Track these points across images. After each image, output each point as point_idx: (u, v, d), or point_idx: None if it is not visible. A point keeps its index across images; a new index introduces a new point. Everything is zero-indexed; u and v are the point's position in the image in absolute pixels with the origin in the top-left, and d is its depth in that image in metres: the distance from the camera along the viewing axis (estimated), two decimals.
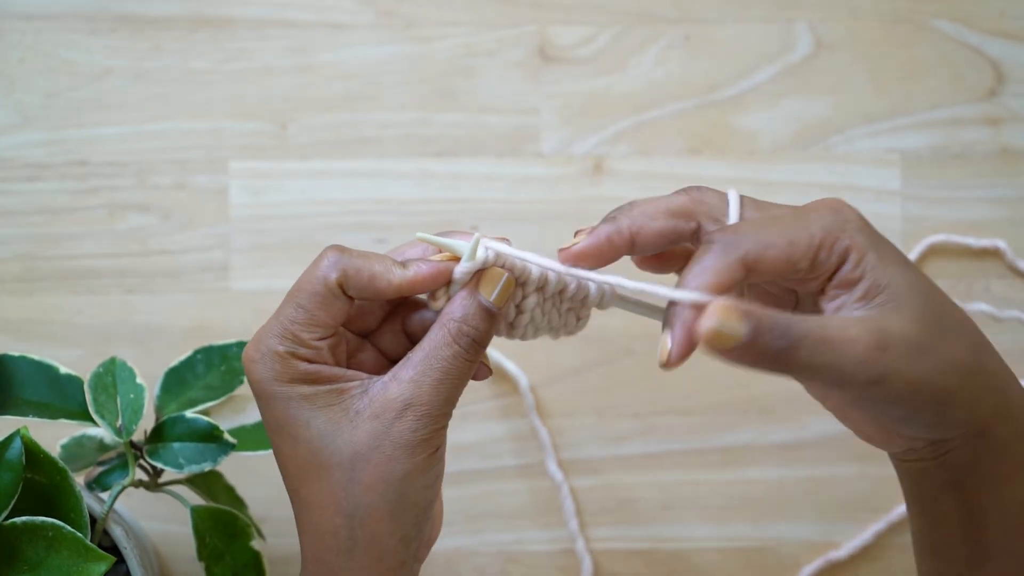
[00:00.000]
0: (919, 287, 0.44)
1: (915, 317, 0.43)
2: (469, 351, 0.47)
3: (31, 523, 0.50)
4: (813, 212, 0.45)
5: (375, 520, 0.46)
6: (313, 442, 0.46)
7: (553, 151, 0.75)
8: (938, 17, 0.76)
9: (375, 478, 0.46)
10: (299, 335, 0.46)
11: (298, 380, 0.46)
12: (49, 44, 0.74)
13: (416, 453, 0.46)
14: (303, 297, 0.46)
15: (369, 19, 0.75)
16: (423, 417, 0.46)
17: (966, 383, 0.44)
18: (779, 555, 0.74)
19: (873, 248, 0.44)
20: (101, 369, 0.58)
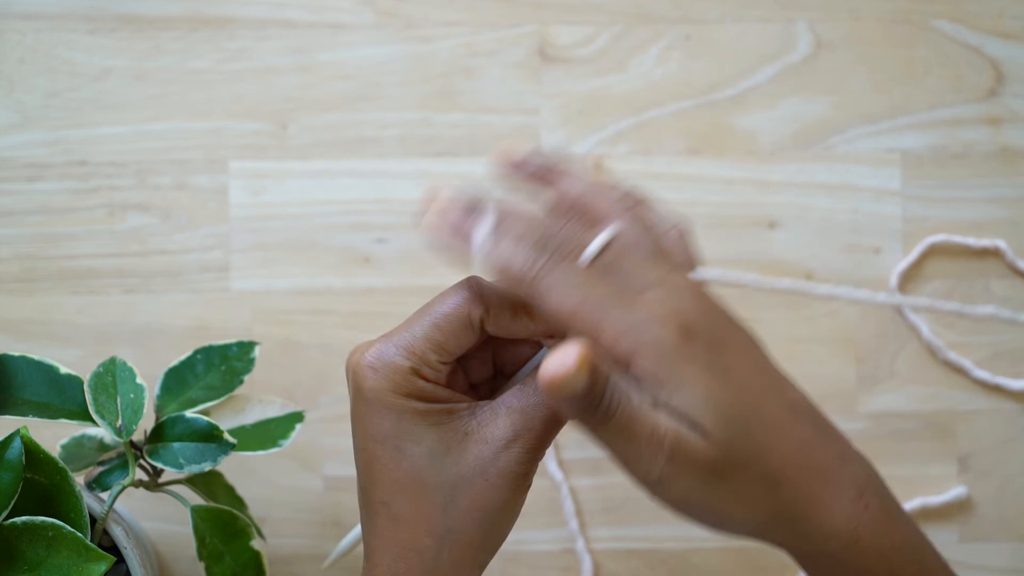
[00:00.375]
0: (721, 409, 0.41)
1: (709, 444, 0.41)
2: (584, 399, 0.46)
3: (31, 523, 0.50)
4: (634, 305, 0.42)
5: (464, 545, 0.46)
6: (420, 459, 0.46)
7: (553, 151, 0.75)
8: (938, 17, 0.76)
9: (475, 504, 0.46)
10: (427, 355, 0.46)
11: (415, 396, 0.46)
12: (49, 44, 0.74)
13: (516, 485, 0.46)
14: (442, 320, 0.46)
15: (369, 19, 0.75)
16: (530, 451, 0.46)
17: (755, 514, 0.43)
18: (779, 555, 0.74)
19: (671, 366, 0.41)
20: (101, 369, 0.58)
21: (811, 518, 0.43)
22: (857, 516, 0.43)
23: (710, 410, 0.41)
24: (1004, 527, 0.74)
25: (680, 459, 0.41)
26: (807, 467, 0.43)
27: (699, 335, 0.42)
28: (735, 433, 0.41)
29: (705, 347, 0.42)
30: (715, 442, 0.41)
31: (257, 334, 0.73)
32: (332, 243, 0.74)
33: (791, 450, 0.42)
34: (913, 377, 0.75)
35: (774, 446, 0.42)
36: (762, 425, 0.42)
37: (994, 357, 0.75)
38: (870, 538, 0.43)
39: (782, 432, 0.42)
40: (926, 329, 0.74)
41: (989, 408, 0.75)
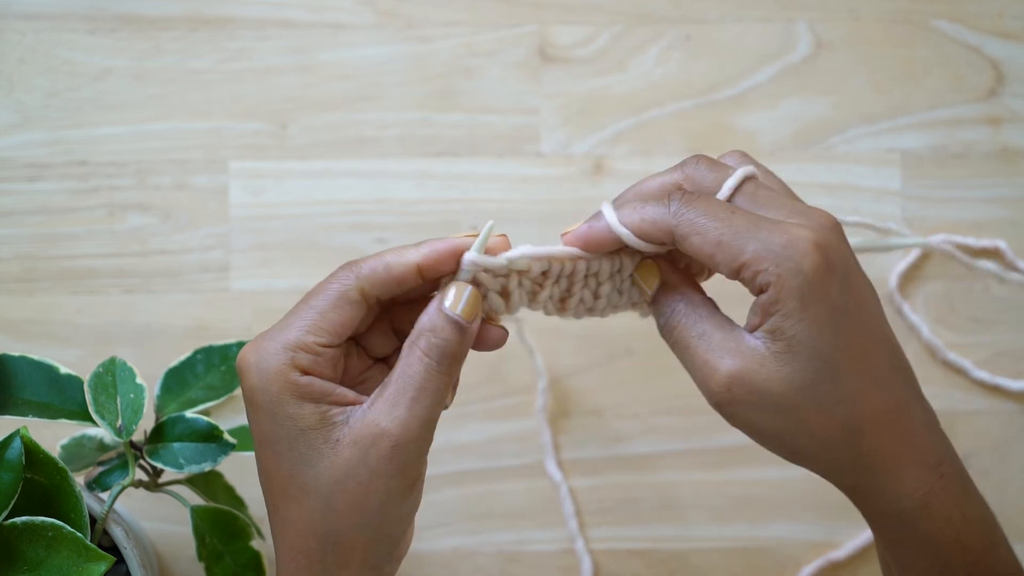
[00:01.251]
0: (825, 354, 0.43)
1: (791, 379, 0.43)
2: (441, 363, 0.46)
3: (31, 523, 0.50)
4: (776, 230, 0.43)
5: (348, 548, 0.46)
6: (295, 464, 0.45)
7: (553, 151, 0.75)
8: (938, 17, 0.76)
9: (350, 507, 0.45)
10: (303, 340, 0.45)
11: (290, 392, 0.45)
12: (49, 44, 0.74)
13: (392, 482, 0.46)
14: (317, 299, 0.46)
15: (369, 19, 0.75)
16: (398, 444, 0.45)
17: (825, 455, 0.45)
18: (779, 555, 0.74)
19: (799, 296, 0.43)
20: (101, 369, 0.58)
21: (887, 473, 0.44)
22: (932, 483, 0.44)
23: (811, 349, 0.43)
24: (1004, 527, 0.74)
25: (741, 390, 0.43)
26: (894, 425, 0.44)
27: (836, 267, 0.43)
28: (825, 375, 0.43)
29: (839, 283, 0.43)
30: (794, 377, 0.43)
31: (257, 334, 0.73)
32: (332, 243, 0.74)
33: (883, 406, 0.44)
34: None
35: (867, 397, 0.44)
36: (861, 374, 0.44)
37: (994, 357, 0.75)
38: (941, 505, 0.45)
39: (880, 386, 0.44)
40: (926, 329, 0.74)
41: (989, 408, 0.75)
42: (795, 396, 0.43)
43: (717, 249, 0.44)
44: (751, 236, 0.43)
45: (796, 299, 0.43)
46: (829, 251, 0.43)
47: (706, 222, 0.44)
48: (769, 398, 0.43)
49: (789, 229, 0.43)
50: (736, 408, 0.44)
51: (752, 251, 0.43)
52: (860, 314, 0.44)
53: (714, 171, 0.47)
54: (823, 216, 0.45)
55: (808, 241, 0.43)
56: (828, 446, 0.44)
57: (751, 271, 0.43)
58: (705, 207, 0.44)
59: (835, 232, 0.45)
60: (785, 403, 0.43)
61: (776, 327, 0.43)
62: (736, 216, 0.44)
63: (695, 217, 0.44)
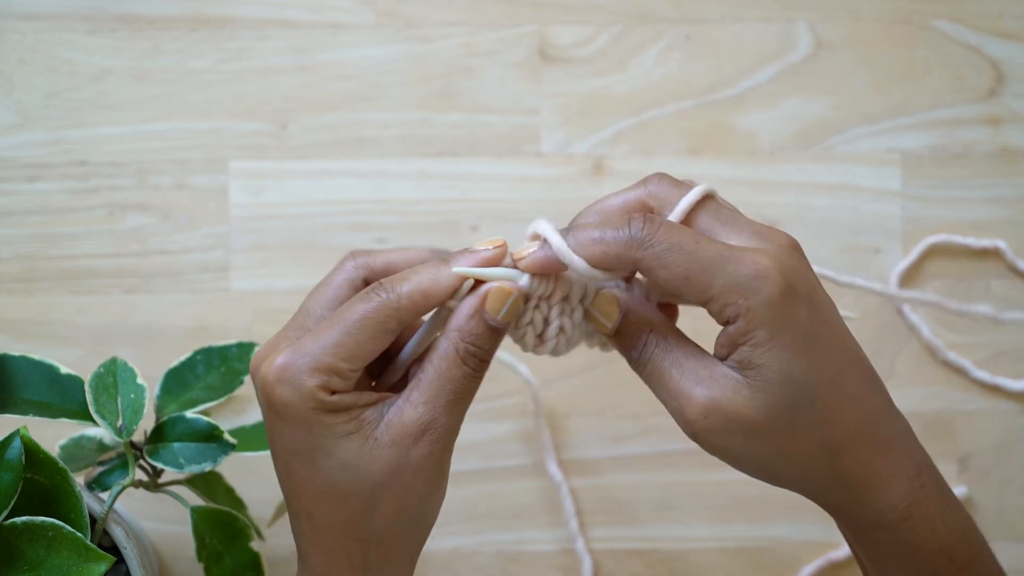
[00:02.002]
0: (798, 379, 0.43)
1: (766, 405, 0.43)
2: (477, 370, 0.47)
3: (31, 523, 0.50)
4: (742, 261, 0.43)
5: (390, 545, 0.47)
6: (334, 471, 0.46)
7: (553, 151, 0.75)
8: (938, 17, 0.76)
9: (395, 507, 0.46)
10: (338, 366, 0.45)
11: (323, 409, 0.45)
12: (49, 44, 0.74)
13: (432, 477, 0.47)
14: (354, 329, 0.45)
15: (369, 19, 0.75)
16: (439, 440, 0.46)
17: (805, 477, 0.45)
18: (779, 555, 0.74)
19: (768, 326, 0.43)
20: (101, 369, 0.58)
21: (870, 488, 0.44)
22: (913, 493, 0.45)
23: (783, 376, 0.43)
24: (1004, 527, 0.74)
25: (718, 417, 0.43)
26: (871, 439, 0.44)
27: (800, 290, 0.43)
28: (800, 400, 0.43)
29: (805, 307, 0.43)
30: (770, 404, 0.43)
31: (257, 334, 0.73)
32: (332, 243, 0.74)
33: (859, 422, 0.44)
34: (913, 377, 0.75)
35: (843, 417, 0.44)
36: (835, 394, 0.44)
37: (994, 357, 0.75)
38: (924, 515, 0.45)
39: (855, 404, 0.44)
40: (926, 329, 0.74)
41: (989, 408, 0.75)
42: (771, 422, 0.43)
43: (684, 283, 0.43)
44: (718, 269, 0.43)
45: (766, 329, 0.43)
46: (793, 276, 0.43)
47: (672, 257, 0.43)
48: (746, 425, 0.43)
49: (755, 259, 0.43)
50: (713, 437, 0.44)
51: (720, 284, 0.43)
52: (828, 334, 0.44)
53: (677, 188, 0.47)
54: (783, 238, 0.45)
55: (773, 269, 0.43)
56: (808, 468, 0.44)
57: (719, 304, 0.43)
58: (669, 238, 0.44)
59: (796, 254, 0.45)
60: (762, 429, 0.43)
61: (745, 357, 0.43)
62: (701, 247, 0.44)
63: (660, 251, 0.44)
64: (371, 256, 0.49)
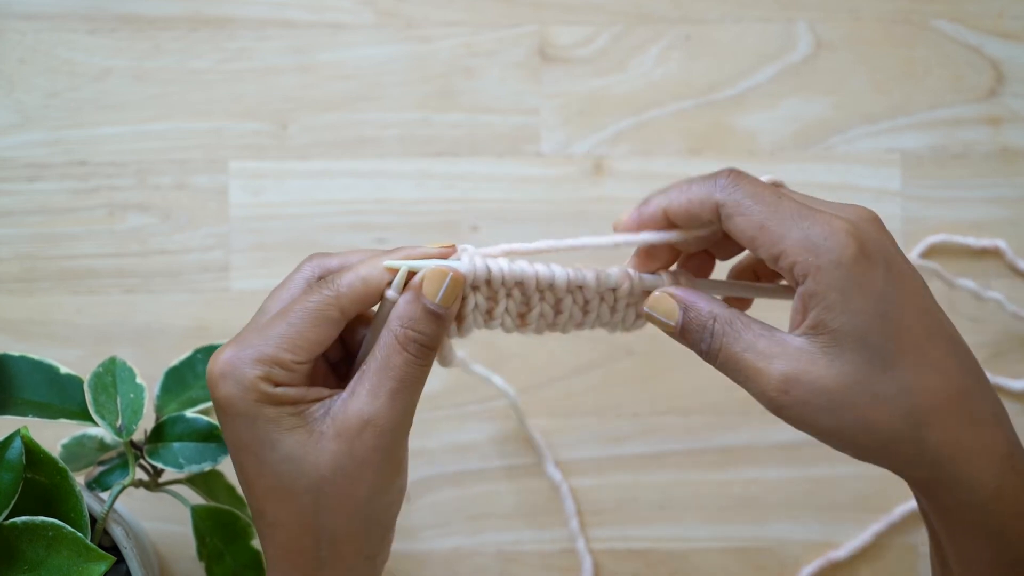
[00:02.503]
0: (875, 345, 0.42)
1: (843, 372, 0.43)
2: (419, 356, 0.46)
3: (31, 523, 0.50)
4: (818, 221, 0.43)
5: (342, 540, 0.46)
6: (279, 465, 0.45)
7: (553, 151, 0.75)
8: (938, 17, 0.76)
9: (341, 500, 0.46)
10: (280, 356, 0.45)
11: (266, 401, 0.45)
12: (49, 44, 0.74)
13: (379, 470, 0.46)
14: (294, 315, 0.46)
15: (369, 19, 0.75)
16: (383, 433, 0.45)
17: (890, 449, 0.44)
18: (779, 555, 0.74)
19: (839, 288, 0.42)
20: (101, 369, 0.58)
21: (957, 463, 0.43)
22: (1004, 474, 0.43)
23: (859, 341, 0.42)
24: None
25: (793, 387, 0.43)
26: (960, 413, 0.43)
27: (877, 257, 0.43)
28: (884, 365, 0.42)
29: (882, 272, 0.43)
30: (846, 371, 0.42)
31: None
32: (332, 243, 0.74)
33: (947, 393, 0.43)
34: None
35: (927, 387, 0.43)
36: (917, 363, 0.43)
37: (994, 357, 0.75)
38: (1014, 498, 0.43)
39: (940, 374, 0.43)
40: None
41: None
42: (850, 391, 0.43)
43: (759, 232, 0.44)
44: (793, 224, 0.43)
45: (837, 291, 0.42)
46: (867, 242, 0.43)
47: (752, 204, 0.44)
48: (825, 395, 0.43)
49: (830, 220, 0.43)
50: (795, 410, 0.43)
51: (793, 239, 0.43)
52: (909, 302, 0.43)
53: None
54: (861, 209, 0.45)
55: (846, 232, 0.43)
56: (892, 439, 0.43)
57: (789, 260, 0.43)
58: (753, 188, 0.45)
59: (874, 224, 0.45)
60: (842, 398, 0.43)
61: (818, 321, 0.43)
62: (782, 202, 0.44)
63: (742, 198, 0.44)
64: (328, 258, 0.49)
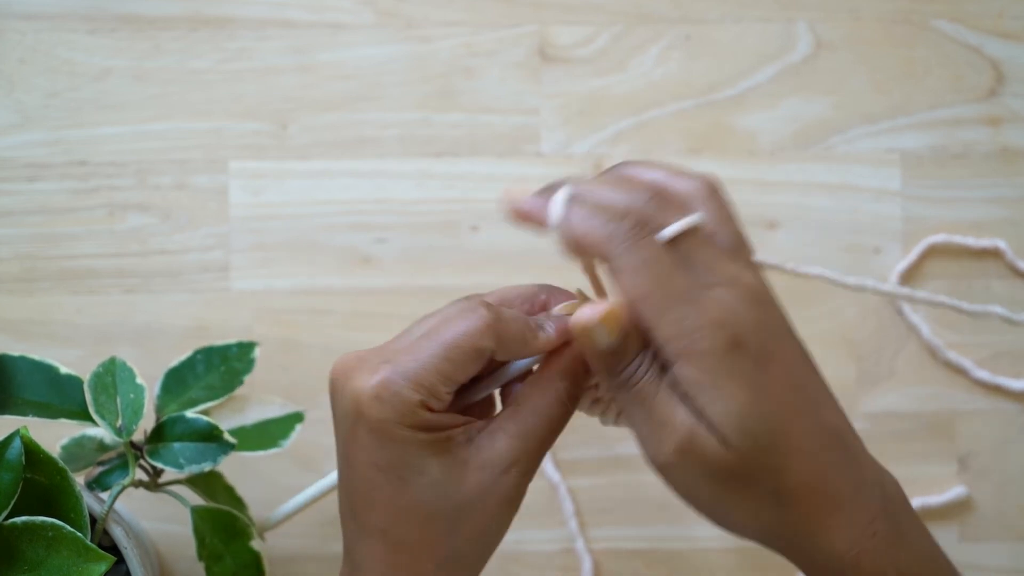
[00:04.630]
0: (749, 429, 0.42)
1: (728, 452, 0.43)
2: (572, 408, 0.47)
3: (31, 523, 0.50)
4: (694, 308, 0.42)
5: (463, 567, 0.47)
6: (423, 489, 0.46)
7: (553, 151, 0.75)
8: (938, 17, 0.76)
9: (476, 531, 0.46)
10: (437, 387, 0.45)
11: (420, 427, 0.45)
12: (49, 44, 0.74)
13: (513, 507, 0.47)
14: (453, 352, 0.45)
15: (369, 19, 0.75)
16: (527, 474, 0.47)
17: (756, 524, 0.45)
18: (779, 555, 0.74)
19: (715, 376, 0.42)
20: (101, 369, 0.58)
21: (813, 539, 0.44)
22: (861, 543, 0.44)
23: (737, 425, 0.42)
24: (1004, 527, 0.74)
25: (691, 454, 0.43)
26: (820, 492, 0.44)
27: (748, 347, 0.43)
28: (755, 450, 0.43)
29: (752, 361, 0.43)
30: (732, 452, 0.43)
31: (257, 334, 0.73)
32: (332, 243, 0.74)
33: (808, 475, 0.44)
34: (913, 377, 0.75)
35: (792, 468, 0.43)
36: (786, 446, 0.43)
37: (994, 357, 0.75)
38: (872, 563, 0.44)
39: (804, 456, 0.44)
40: (926, 329, 0.74)
41: (989, 408, 0.75)
42: (736, 468, 0.43)
43: (640, 303, 0.43)
44: (671, 308, 0.42)
45: (709, 376, 0.42)
46: (739, 330, 0.42)
47: (642, 272, 0.43)
48: (714, 466, 0.43)
49: (706, 308, 0.42)
50: (682, 474, 0.44)
51: (667, 322, 0.42)
52: (780, 387, 0.43)
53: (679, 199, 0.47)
54: (744, 288, 0.44)
55: (718, 324, 0.42)
56: (757, 516, 0.44)
57: (661, 340, 0.43)
58: (649, 255, 0.43)
59: (753, 303, 0.44)
60: (728, 473, 0.43)
61: (699, 408, 0.43)
62: (674, 278, 0.43)
63: (636, 262, 0.43)
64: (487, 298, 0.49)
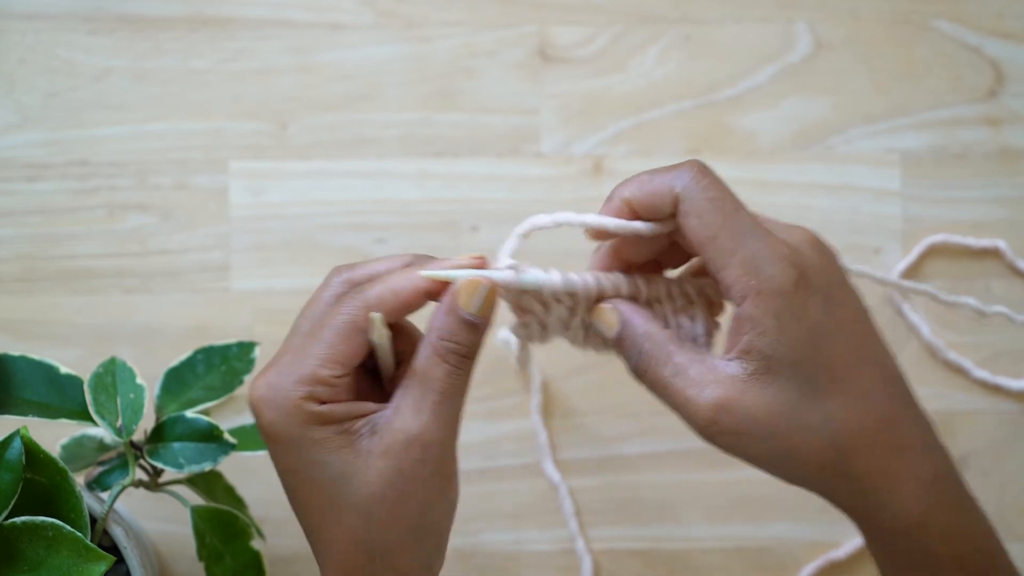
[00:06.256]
0: (805, 374, 0.42)
1: (774, 401, 0.43)
2: (459, 366, 0.46)
3: (31, 523, 0.50)
4: (766, 244, 0.43)
5: (396, 553, 0.46)
6: (329, 485, 0.45)
7: (553, 151, 0.75)
8: (938, 17, 0.76)
9: (392, 515, 0.46)
10: (319, 373, 0.45)
11: (311, 422, 0.45)
12: (49, 44, 0.74)
13: (428, 485, 0.46)
14: (326, 331, 0.46)
15: (369, 19, 0.75)
16: (429, 447, 0.45)
17: (818, 478, 0.44)
18: (779, 555, 0.74)
19: (775, 314, 0.42)
20: (101, 369, 0.58)
21: (882, 492, 0.44)
22: (928, 500, 0.44)
23: (790, 370, 0.42)
24: (1004, 527, 0.74)
25: (729, 419, 0.43)
26: (885, 442, 0.43)
27: (816, 285, 0.43)
28: (806, 396, 0.43)
29: (820, 300, 0.43)
30: (776, 399, 0.42)
31: (257, 334, 0.73)
32: (332, 243, 0.74)
33: (871, 424, 0.43)
34: (913, 377, 0.73)
35: (852, 416, 0.43)
36: (844, 393, 0.43)
37: (994, 357, 0.75)
38: (938, 524, 0.44)
39: (867, 404, 0.43)
40: (926, 329, 0.74)
41: (989, 408, 0.75)
42: (779, 420, 0.43)
43: (709, 241, 0.43)
44: (742, 242, 0.43)
45: (773, 318, 0.42)
46: (808, 269, 0.43)
47: (709, 209, 0.43)
48: (755, 424, 0.43)
49: (775, 245, 0.43)
50: (726, 439, 0.44)
51: (738, 258, 0.43)
52: (843, 332, 0.44)
53: None
54: (805, 232, 0.45)
55: (788, 260, 0.43)
56: (819, 468, 0.44)
57: (731, 279, 0.43)
58: (714, 191, 0.44)
59: (817, 248, 0.44)
60: (771, 428, 0.43)
61: (751, 346, 0.43)
62: (739, 215, 0.44)
63: (702, 200, 0.44)
64: (354, 270, 0.49)
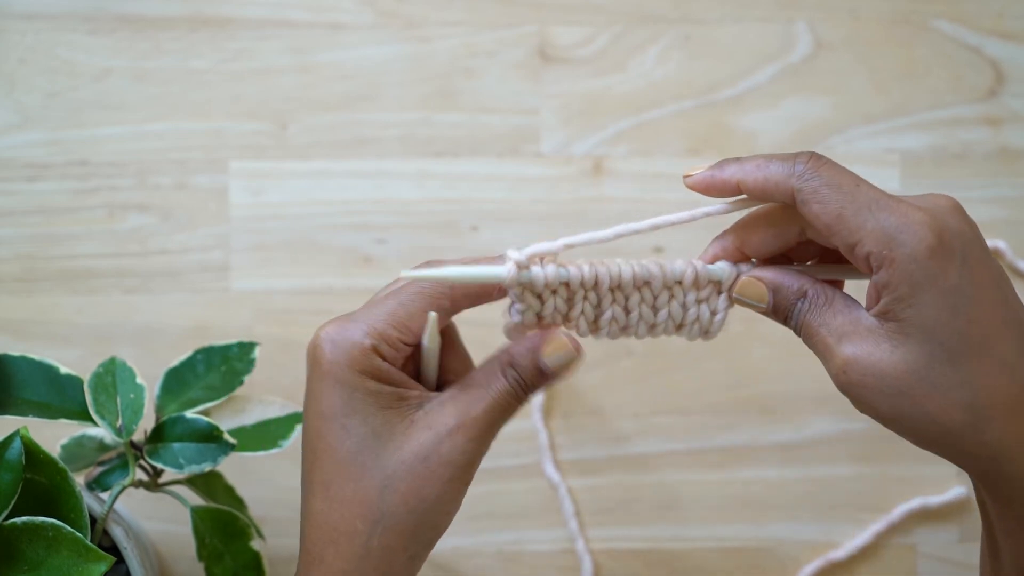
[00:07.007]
0: (940, 338, 0.42)
1: (905, 360, 0.43)
2: (517, 391, 0.48)
3: (31, 523, 0.50)
4: (895, 211, 0.43)
5: (396, 532, 0.46)
6: (363, 439, 0.46)
7: (553, 151, 0.75)
8: (938, 17, 0.76)
9: (412, 491, 0.46)
10: (388, 333, 0.46)
11: (370, 373, 0.46)
12: (49, 44, 0.74)
13: (456, 476, 0.47)
14: (406, 298, 0.47)
15: (369, 19, 0.75)
16: (473, 439, 0.47)
17: (948, 440, 0.44)
18: (779, 555, 0.74)
19: (910, 280, 0.42)
20: (101, 369, 0.58)
21: (1015, 461, 0.43)
22: None
23: (924, 333, 0.43)
24: None
25: (858, 372, 0.44)
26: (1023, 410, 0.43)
27: (953, 249, 0.43)
28: (940, 359, 0.43)
29: (958, 265, 0.43)
30: (911, 359, 0.43)
31: (257, 334, 0.73)
32: (332, 243, 0.74)
33: (1011, 391, 0.43)
34: None
35: (991, 382, 0.43)
36: (983, 358, 0.43)
37: None
38: None
39: (1007, 371, 0.43)
40: None
41: None
42: (910, 378, 0.43)
43: (836, 221, 0.44)
44: (870, 214, 0.43)
45: (907, 283, 0.42)
46: (945, 233, 0.43)
47: (829, 192, 0.44)
48: (882, 380, 0.43)
49: (907, 211, 0.43)
50: (855, 391, 0.44)
51: (868, 230, 0.43)
52: (982, 296, 0.43)
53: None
54: (942, 198, 0.45)
55: (923, 224, 0.43)
56: (950, 431, 0.43)
57: (865, 251, 0.43)
58: (831, 175, 0.44)
59: (954, 213, 0.44)
60: (900, 386, 0.43)
61: (888, 309, 0.43)
62: (860, 190, 0.44)
63: (819, 185, 0.44)
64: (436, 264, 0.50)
